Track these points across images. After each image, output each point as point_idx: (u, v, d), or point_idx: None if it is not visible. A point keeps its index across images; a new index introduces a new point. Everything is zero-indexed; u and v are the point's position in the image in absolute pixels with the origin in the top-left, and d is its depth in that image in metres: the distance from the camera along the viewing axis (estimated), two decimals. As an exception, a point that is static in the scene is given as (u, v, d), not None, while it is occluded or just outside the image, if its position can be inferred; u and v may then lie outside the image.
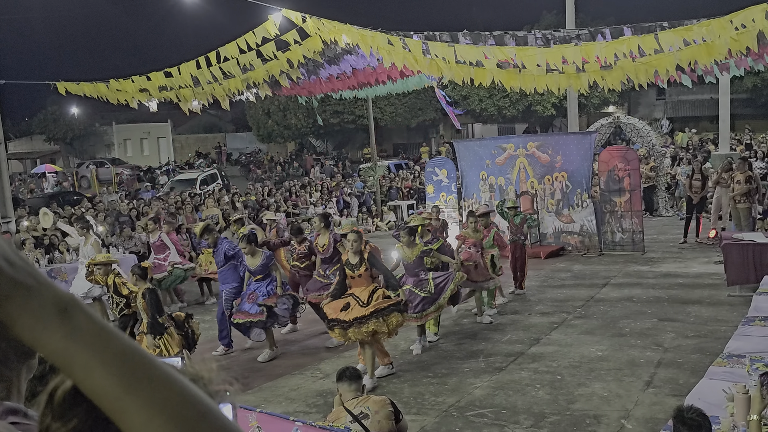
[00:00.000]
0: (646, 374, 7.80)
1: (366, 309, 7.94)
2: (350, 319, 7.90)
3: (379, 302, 7.98)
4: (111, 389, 0.83)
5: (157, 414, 0.84)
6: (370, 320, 7.90)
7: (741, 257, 10.79)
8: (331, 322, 8.13)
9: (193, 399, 0.87)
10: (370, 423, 4.86)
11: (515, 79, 11.51)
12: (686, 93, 40.03)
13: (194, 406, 0.87)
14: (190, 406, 0.86)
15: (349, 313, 8.00)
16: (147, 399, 0.85)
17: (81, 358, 0.85)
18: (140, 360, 0.87)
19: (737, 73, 13.57)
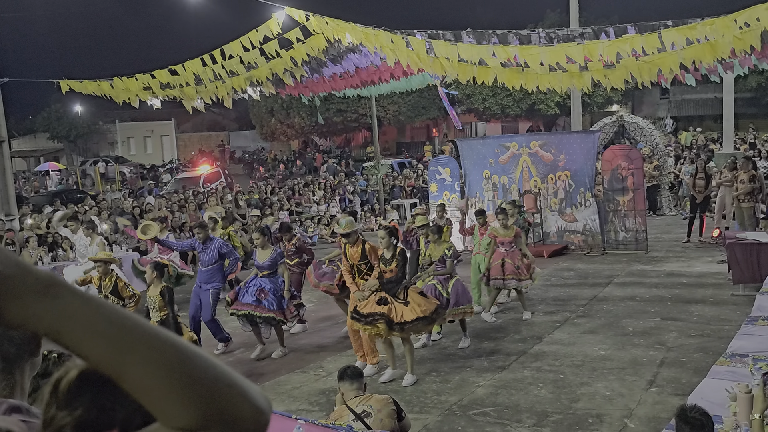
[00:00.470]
0: (649, 373, 7.80)
1: (408, 312, 7.92)
2: (396, 321, 7.87)
3: (422, 307, 7.98)
4: (108, 353, 0.89)
5: (157, 368, 0.89)
6: (415, 326, 7.96)
7: (744, 256, 10.77)
8: (371, 317, 8.01)
9: (189, 351, 0.92)
10: (372, 421, 4.87)
11: (518, 77, 11.50)
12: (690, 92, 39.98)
13: (190, 358, 0.91)
14: (186, 358, 0.91)
15: (390, 309, 7.96)
16: (144, 356, 0.89)
17: (74, 328, 0.90)
18: (131, 322, 0.92)
19: (741, 72, 13.55)
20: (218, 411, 0.89)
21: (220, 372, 0.93)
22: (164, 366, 0.89)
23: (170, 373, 0.89)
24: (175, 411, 0.89)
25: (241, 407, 0.92)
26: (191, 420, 0.88)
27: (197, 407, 0.89)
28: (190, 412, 0.88)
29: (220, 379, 0.92)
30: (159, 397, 0.89)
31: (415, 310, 7.93)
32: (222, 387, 0.91)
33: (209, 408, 0.89)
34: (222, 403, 0.90)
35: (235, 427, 0.91)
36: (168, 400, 0.89)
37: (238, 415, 0.91)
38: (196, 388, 0.89)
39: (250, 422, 0.92)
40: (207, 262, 9.87)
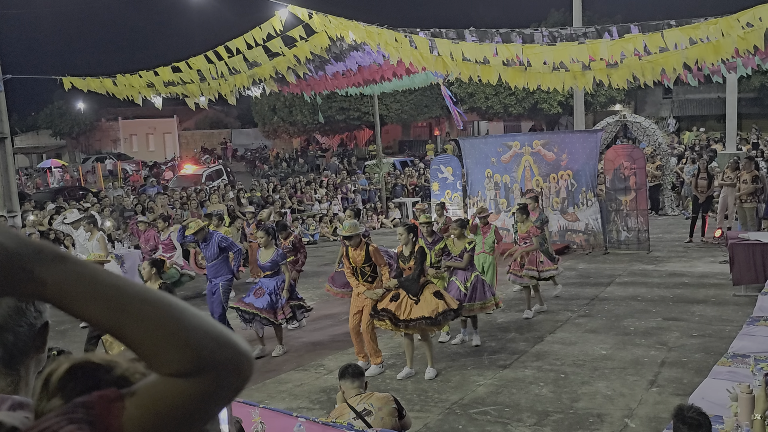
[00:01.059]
0: (650, 373, 7.80)
1: (416, 309, 7.99)
2: (401, 318, 7.98)
3: (431, 307, 8.00)
4: (107, 311, 0.97)
5: (152, 320, 0.98)
6: (419, 324, 7.99)
7: (747, 257, 10.76)
8: (382, 313, 8.15)
9: (180, 304, 1.01)
10: (373, 419, 4.87)
11: (521, 76, 11.49)
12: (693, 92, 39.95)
13: (181, 310, 1.00)
14: (178, 310, 1.00)
15: (399, 305, 8.06)
16: (140, 310, 0.98)
17: (75, 292, 0.98)
18: (124, 282, 1.01)
19: (744, 72, 13.53)
20: (209, 355, 0.98)
21: (208, 322, 1.02)
22: (159, 317, 0.98)
23: (164, 322, 0.98)
24: (170, 357, 0.97)
25: (230, 353, 1.00)
26: (185, 364, 0.97)
27: (190, 352, 0.97)
28: (185, 357, 0.97)
29: (210, 328, 1.00)
30: (155, 346, 0.98)
31: (423, 310, 7.96)
32: (212, 335, 1.00)
33: (201, 352, 0.98)
34: (212, 348, 0.99)
35: (225, 370, 1.00)
36: (163, 347, 0.97)
37: (228, 359, 1.00)
38: (189, 335, 0.98)
39: (238, 367, 1.01)
40: (210, 258, 9.94)
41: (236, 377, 1.02)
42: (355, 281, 8.61)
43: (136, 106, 17.19)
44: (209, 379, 0.99)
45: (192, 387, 0.98)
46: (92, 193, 25.54)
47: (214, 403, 1.02)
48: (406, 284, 8.16)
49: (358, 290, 8.57)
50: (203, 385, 0.99)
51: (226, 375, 1.00)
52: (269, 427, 4.66)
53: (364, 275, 8.51)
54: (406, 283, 8.16)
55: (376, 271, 8.55)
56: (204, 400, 1.00)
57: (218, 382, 1.00)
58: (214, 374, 0.99)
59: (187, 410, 1.00)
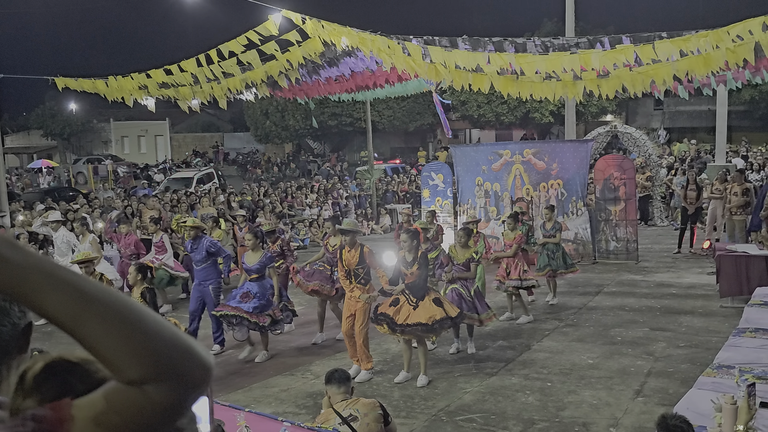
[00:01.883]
0: (636, 383, 7.82)
1: (414, 315, 7.99)
2: (398, 322, 7.99)
3: (429, 313, 8.00)
4: (66, 307, 0.97)
5: (112, 322, 0.97)
6: (414, 330, 7.98)
7: (734, 269, 10.82)
8: (380, 317, 8.17)
9: (141, 309, 1.02)
10: (359, 425, 4.86)
11: (513, 85, 11.53)
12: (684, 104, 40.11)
13: (142, 314, 1.00)
14: (139, 315, 1.00)
15: (397, 310, 8.07)
16: (100, 311, 0.98)
17: (33, 285, 0.98)
18: (86, 280, 1.01)
19: (734, 85, 13.62)
20: (168, 363, 0.97)
21: (169, 329, 1.01)
22: (118, 320, 0.97)
23: (124, 326, 0.97)
24: (128, 363, 0.96)
25: (189, 361, 1.00)
26: (143, 372, 0.96)
27: (149, 359, 0.97)
28: (143, 364, 0.96)
29: (169, 336, 1.00)
30: (113, 350, 0.97)
31: (421, 316, 7.96)
32: (171, 342, 0.99)
33: (160, 360, 0.97)
34: (171, 356, 0.98)
35: (183, 378, 0.99)
36: (122, 352, 0.97)
37: (186, 367, 0.99)
38: (148, 341, 0.98)
39: (196, 375, 1.01)
40: (199, 261, 9.92)
41: (194, 386, 1.01)
42: (348, 284, 8.61)
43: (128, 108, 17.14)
44: (166, 389, 0.98)
45: (148, 396, 0.97)
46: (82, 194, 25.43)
47: (171, 412, 1.01)
48: (413, 290, 8.17)
49: (351, 293, 8.56)
50: (160, 395, 0.97)
51: (184, 385, 1.00)
52: (254, 430, 4.65)
53: (357, 277, 8.51)
54: (411, 289, 8.17)
55: (368, 274, 8.56)
56: (159, 412, 0.98)
57: (175, 393, 0.99)
58: (171, 383, 0.98)
59: (141, 422, 0.98)
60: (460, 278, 9.25)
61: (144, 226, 15.57)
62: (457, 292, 9.15)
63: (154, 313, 1.03)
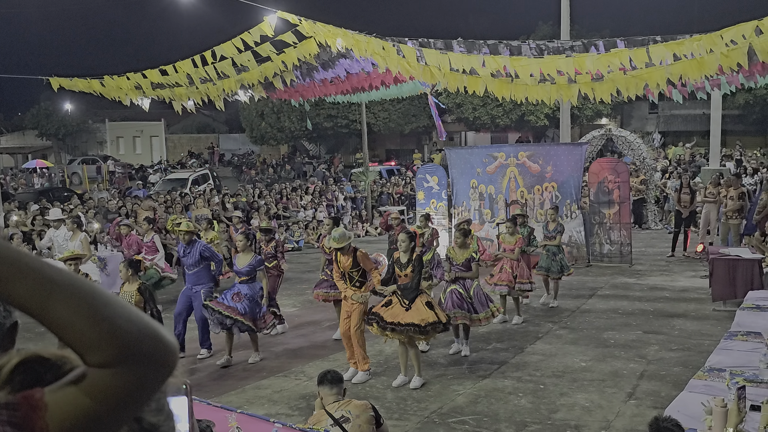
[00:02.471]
0: (629, 386, 7.84)
1: (406, 315, 8.00)
2: (389, 320, 8.00)
3: (421, 315, 8.01)
4: (32, 292, 0.99)
5: (78, 306, 0.99)
6: (407, 331, 7.98)
7: (727, 272, 10.85)
8: (371, 317, 8.19)
9: (106, 294, 1.04)
10: (350, 427, 4.87)
11: (507, 88, 11.56)
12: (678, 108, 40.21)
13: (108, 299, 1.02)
14: (104, 299, 1.02)
15: (389, 311, 8.09)
16: (66, 295, 1.00)
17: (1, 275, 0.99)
18: (50, 266, 1.03)
19: (728, 90, 13.67)
20: (134, 345, 1.00)
21: (134, 312, 1.03)
22: (84, 304, 1.00)
23: (90, 310, 0.99)
24: (96, 346, 0.99)
25: (155, 343, 1.02)
26: (110, 354, 0.98)
27: (116, 342, 0.99)
28: (110, 347, 0.99)
29: (135, 319, 1.02)
30: (81, 334, 0.99)
31: (413, 317, 7.97)
32: (137, 325, 1.02)
33: (126, 341, 0.99)
34: (138, 338, 1.00)
35: (149, 359, 1.02)
36: (88, 336, 0.99)
37: (152, 349, 1.02)
38: (114, 324, 1.00)
39: (162, 356, 1.03)
40: (192, 265, 9.84)
41: (161, 369, 1.03)
42: (343, 285, 8.63)
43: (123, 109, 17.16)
44: (134, 369, 1.00)
45: (116, 378, 0.99)
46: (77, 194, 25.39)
47: (140, 395, 1.03)
48: (405, 292, 8.18)
49: (346, 294, 8.58)
50: (128, 376, 1.00)
51: (150, 366, 1.02)
52: (245, 431, 4.65)
53: (352, 280, 8.52)
54: (405, 291, 8.18)
55: (364, 276, 8.57)
56: (129, 393, 1.01)
57: (143, 373, 1.01)
58: (138, 365, 1.00)
59: (112, 403, 1.00)
60: (460, 278, 9.27)
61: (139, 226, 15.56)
62: (457, 293, 9.16)
63: (118, 297, 1.05)
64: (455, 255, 9.36)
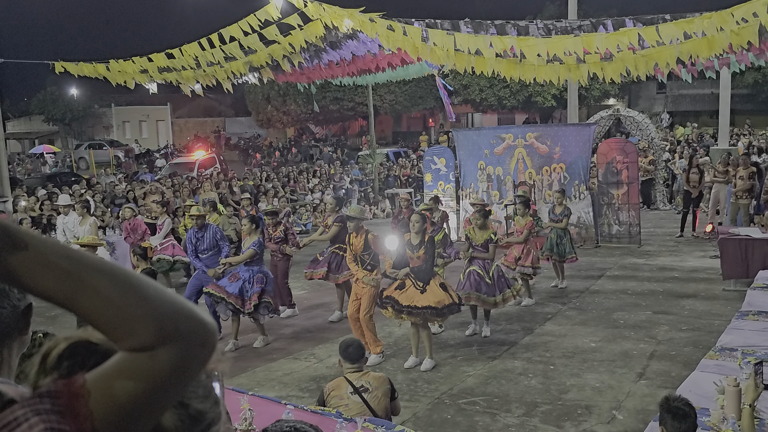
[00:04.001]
0: (639, 366, 7.84)
1: (422, 298, 7.99)
2: (404, 304, 7.99)
3: (437, 297, 8.00)
4: (61, 282, 0.97)
5: (110, 292, 0.98)
6: (423, 313, 7.97)
7: (736, 252, 10.81)
8: (385, 300, 8.19)
9: (138, 276, 1.02)
10: (370, 398, 4.93)
11: (515, 68, 11.48)
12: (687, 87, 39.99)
13: (140, 281, 1.01)
14: (137, 282, 1.00)
15: (403, 294, 8.07)
16: (97, 282, 0.98)
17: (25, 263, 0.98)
18: (79, 253, 1.01)
19: (737, 68, 13.55)
20: (172, 326, 0.98)
21: (169, 294, 1.02)
22: (117, 288, 0.98)
23: (124, 293, 0.98)
24: (132, 329, 0.97)
25: (193, 324, 1.01)
26: (147, 336, 0.97)
27: (152, 323, 0.97)
28: (147, 328, 0.97)
29: (170, 300, 1.01)
30: (115, 318, 0.97)
31: (429, 299, 7.97)
32: (172, 305, 1.00)
33: (163, 323, 0.98)
34: (174, 319, 0.99)
35: (189, 342, 1.00)
36: (124, 319, 0.97)
37: (190, 330, 1.00)
38: (149, 305, 0.98)
39: (201, 337, 1.02)
40: (207, 249, 9.86)
41: (201, 348, 1.02)
42: (355, 267, 8.65)
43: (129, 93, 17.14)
44: (173, 351, 0.98)
45: (157, 361, 0.98)
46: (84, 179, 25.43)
47: (182, 376, 1.01)
48: (418, 274, 8.17)
49: (357, 276, 8.60)
50: (168, 359, 0.98)
51: (190, 346, 1.00)
52: (257, 414, 4.66)
53: (363, 263, 8.54)
54: (418, 273, 8.17)
55: (375, 259, 8.59)
56: (170, 374, 0.99)
57: (183, 354, 0.99)
58: (177, 346, 0.99)
59: (154, 386, 0.99)
60: (478, 258, 9.25)
61: (148, 210, 15.61)
62: (476, 274, 9.15)
63: (150, 279, 1.03)
64: (474, 236, 9.32)
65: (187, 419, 1.10)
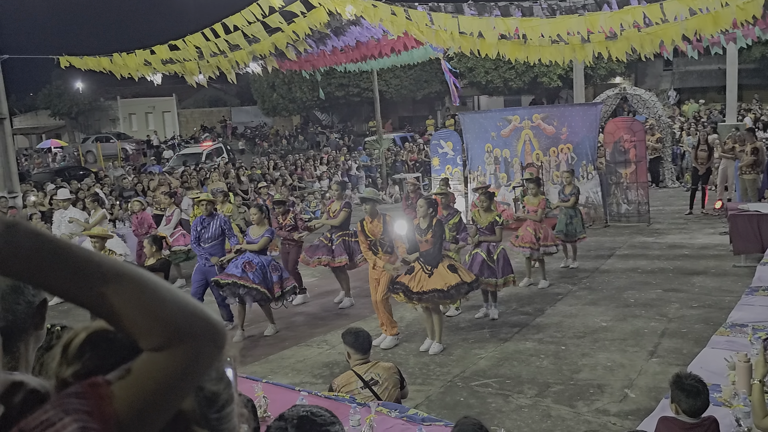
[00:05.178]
0: (650, 344, 7.85)
1: (429, 282, 8.01)
2: (414, 290, 8.02)
3: (444, 280, 8.02)
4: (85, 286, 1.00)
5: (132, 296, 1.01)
6: (431, 297, 8.01)
7: (746, 228, 10.78)
8: (396, 286, 8.22)
9: (152, 278, 1.05)
10: (379, 390, 4.94)
11: (521, 50, 11.45)
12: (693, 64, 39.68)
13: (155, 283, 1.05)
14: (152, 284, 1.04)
15: (413, 278, 8.10)
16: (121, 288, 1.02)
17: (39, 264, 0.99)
18: (104, 258, 1.04)
19: (744, 43, 13.47)
20: (186, 327, 1.03)
21: (181, 295, 1.06)
22: (136, 290, 1.02)
23: (142, 295, 1.02)
24: (149, 330, 1.02)
25: (204, 324, 1.05)
26: (164, 337, 1.02)
27: (168, 324, 1.02)
28: (164, 329, 1.02)
29: (183, 301, 1.05)
30: (132, 321, 1.02)
31: (436, 283, 7.98)
32: (186, 307, 1.05)
33: (178, 324, 1.02)
34: (188, 320, 1.04)
35: (201, 341, 1.05)
36: (140, 323, 1.02)
37: (203, 330, 1.05)
38: (165, 307, 1.03)
39: (212, 337, 1.06)
40: (210, 238, 9.86)
41: (212, 346, 1.07)
42: (372, 255, 8.67)
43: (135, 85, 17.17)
44: (187, 350, 1.04)
45: (172, 360, 1.03)
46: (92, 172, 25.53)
47: (195, 373, 1.07)
48: (427, 258, 8.19)
49: (377, 262, 8.65)
50: (182, 357, 1.03)
51: (202, 345, 1.05)
52: (272, 401, 4.71)
53: (383, 246, 8.62)
54: (427, 258, 8.19)
55: (392, 243, 8.66)
56: (184, 372, 1.04)
57: (196, 353, 1.05)
58: (192, 345, 1.04)
59: (170, 383, 1.04)
60: (484, 241, 9.27)
61: (157, 202, 15.67)
62: (481, 256, 9.17)
63: (164, 281, 1.08)
64: (479, 218, 9.35)
65: (203, 401, 1.16)
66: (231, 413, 1.24)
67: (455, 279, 8.05)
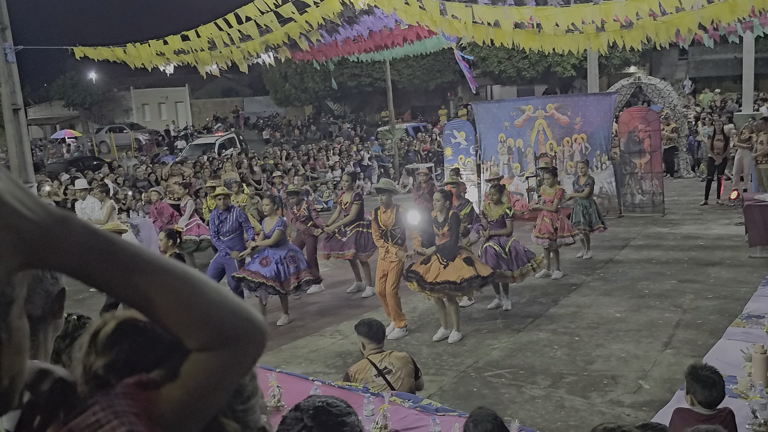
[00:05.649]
0: (665, 335, 7.81)
1: (443, 273, 8.03)
2: (428, 281, 8.06)
3: (458, 272, 8.02)
4: (132, 284, 0.98)
5: (181, 299, 1.00)
6: (443, 288, 8.01)
7: (762, 218, 10.70)
8: (410, 274, 8.25)
9: (200, 276, 1.04)
10: (393, 379, 4.95)
11: (535, 39, 11.38)
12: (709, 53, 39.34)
13: (202, 282, 1.03)
14: (199, 283, 1.03)
15: (428, 269, 8.14)
16: (168, 287, 1.00)
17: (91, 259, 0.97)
18: (152, 255, 1.02)
19: (761, 32, 13.32)
20: (231, 328, 1.02)
21: (226, 294, 1.05)
22: (183, 289, 1.01)
23: (189, 295, 1.01)
24: (196, 330, 1.01)
25: (249, 324, 1.05)
26: (210, 338, 1.01)
27: (215, 325, 1.01)
28: (210, 330, 1.01)
29: (229, 301, 1.04)
30: (176, 320, 1.01)
31: (450, 274, 7.99)
32: (232, 307, 1.03)
33: (224, 325, 1.01)
34: (233, 321, 1.03)
35: (245, 342, 1.04)
36: (184, 322, 1.00)
37: (247, 331, 1.04)
38: (211, 308, 1.01)
39: (256, 337, 1.06)
40: (228, 231, 9.91)
41: (255, 347, 1.07)
42: (383, 244, 8.68)
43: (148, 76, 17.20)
44: (231, 350, 1.03)
45: (216, 360, 1.03)
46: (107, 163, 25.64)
47: (237, 373, 1.07)
48: (443, 251, 8.18)
49: (387, 254, 8.64)
50: (226, 357, 1.03)
51: (246, 346, 1.05)
52: (285, 390, 4.72)
53: (394, 238, 8.59)
54: (444, 251, 8.18)
55: (404, 235, 8.66)
56: (228, 372, 1.05)
57: (239, 353, 1.04)
58: (235, 346, 1.03)
59: (214, 383, 1.04)
60: (494, 235, 9.25)
61: (171, 192, 15.72)
62: (493, 249, 9.15)
63: (209, 279, 1.06)
64: (490, 211, 9.33)
65: (231, 393, 1.16)
66: (255, 405, 1.25)
67: (470, 272, 8.04)
